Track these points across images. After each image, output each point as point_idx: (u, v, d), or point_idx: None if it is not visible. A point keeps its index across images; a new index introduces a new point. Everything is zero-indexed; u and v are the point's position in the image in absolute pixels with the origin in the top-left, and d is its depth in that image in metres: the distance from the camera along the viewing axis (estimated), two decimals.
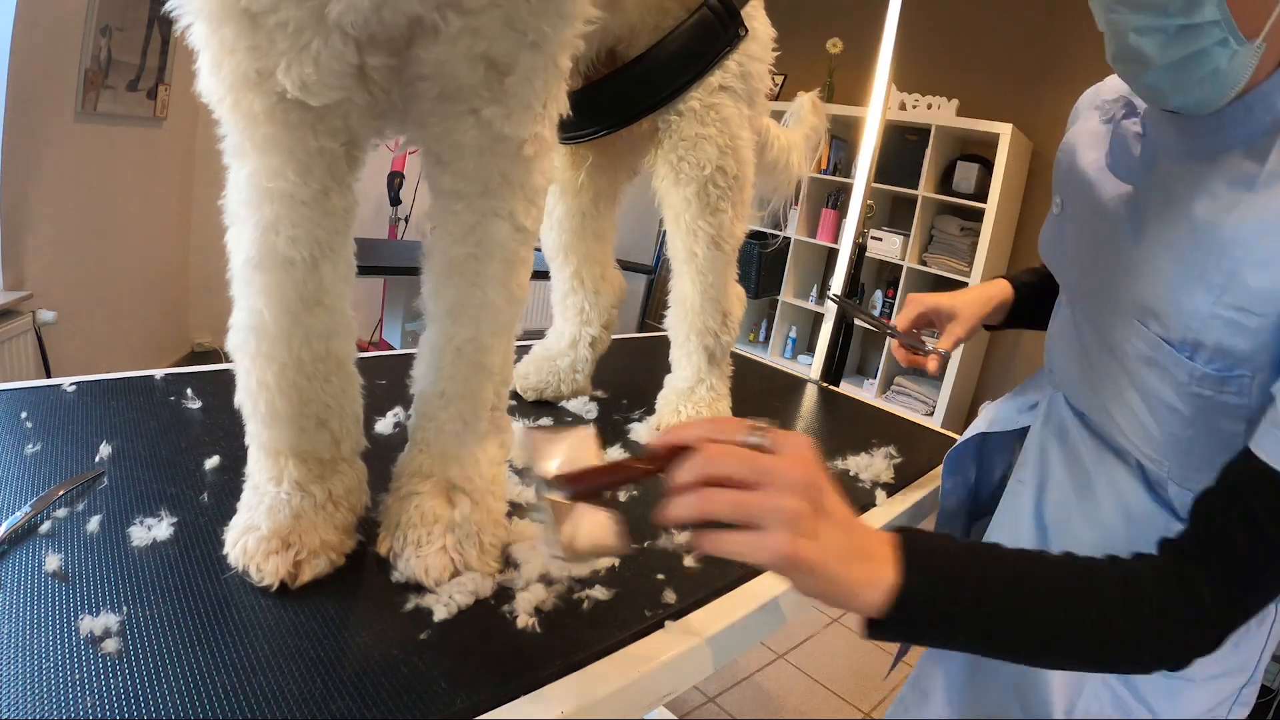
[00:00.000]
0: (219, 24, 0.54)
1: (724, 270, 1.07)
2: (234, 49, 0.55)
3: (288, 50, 0.54)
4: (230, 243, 0.63)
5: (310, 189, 0.60)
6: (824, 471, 0.51)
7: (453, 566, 0.64)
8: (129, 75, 2.61)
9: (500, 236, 0.65)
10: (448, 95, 0.60)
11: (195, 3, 0.54)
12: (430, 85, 0.60)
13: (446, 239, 0.65)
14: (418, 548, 0.65)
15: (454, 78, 0.59)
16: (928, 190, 3.56)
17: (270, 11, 0.53)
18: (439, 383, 0.68)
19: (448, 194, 0.64)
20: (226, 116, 0.59)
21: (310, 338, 0.64)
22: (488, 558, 0.67)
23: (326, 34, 0.54)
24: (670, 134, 1.01)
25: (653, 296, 4.21)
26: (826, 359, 1.57)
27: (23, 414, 0.83)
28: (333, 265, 0.64)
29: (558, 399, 1.15)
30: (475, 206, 0.64)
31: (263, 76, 0.55)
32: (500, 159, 0.63)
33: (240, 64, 0.55)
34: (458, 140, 0.61)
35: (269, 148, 0.59)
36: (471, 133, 0.61)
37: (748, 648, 0.75)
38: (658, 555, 0.76)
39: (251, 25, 0.53)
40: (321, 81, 0.56)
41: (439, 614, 0.61)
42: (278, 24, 0.53)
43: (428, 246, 0.67)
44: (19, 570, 0.58)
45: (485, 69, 0.59)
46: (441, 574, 0.64)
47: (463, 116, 0.60)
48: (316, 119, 0.59)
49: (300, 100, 0.56)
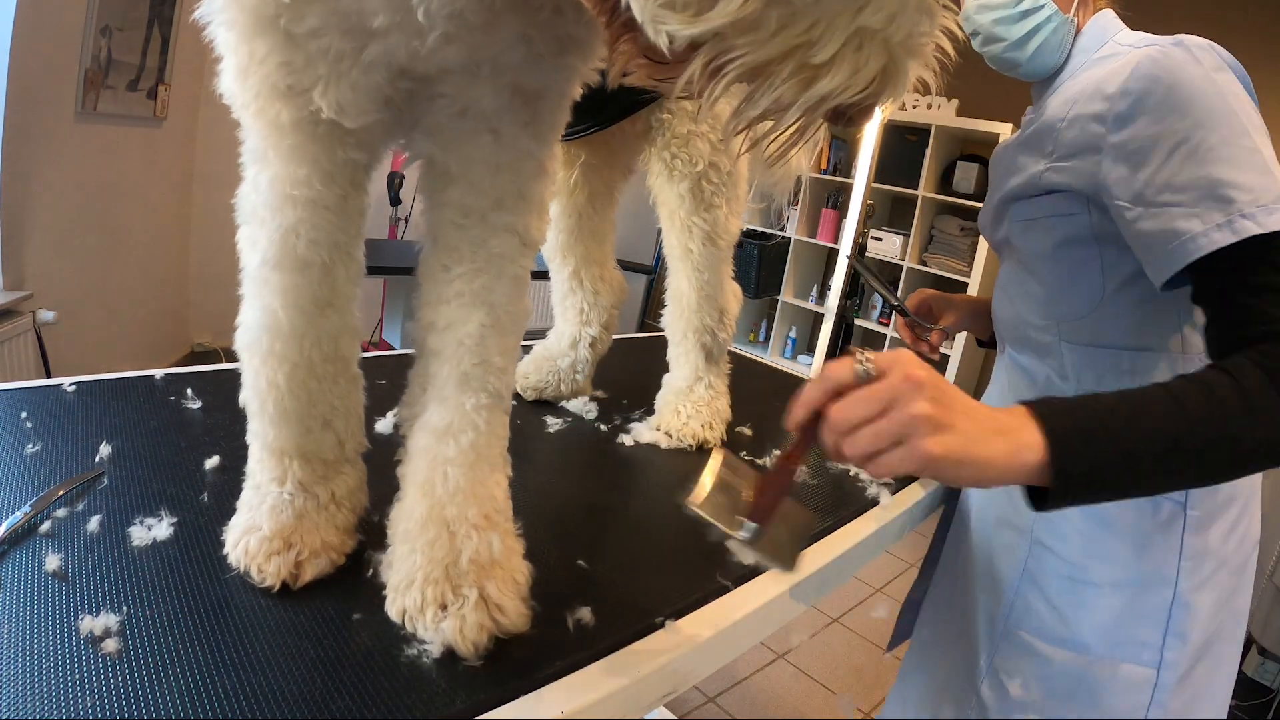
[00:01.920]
0: (250, 36, 0.54)
1: (720, 267, 1.07)
2: (264, 61, 0.54)
3: (327, 74, 0.54)
4: (243, 242, 0.63)
5: (333, 195, 0.60)
6: (931, 371, 0.54)
7: (492, 624, 0.57)
8: (129, 75, 2.61)
9: (510, 251, 0.64)
10: (468, 114, 0.60)
11: (227, 13, 0.54)
12: (450, 103, 0.60)
13: (449, 255, 0.63)
14: (442, 609, 0.57)
15: (478, 102, 0.59)
16: (928, 190, 3.56)
17: (312, 36, 0.53)
18: (444, 415, 0.63)
19: (453, 207, 0.63)
20: (249, 122, 0.59)
21: (321, 339, 0.64)
22: (522, 605, 0.60)
23: (366, 67, 0.54)
24: (663, 131, 1.01)
25: (652, 296, 4.22)
26: (826, 359, 1.57)
27: (23, 414, 0.82)
28: (346, 268, 0.64)
29: (558, 399, 1.15)
30: (487, 221, 0.62)
31: (294, 92, 0.55)
32: (519, 175, 0.62)
33: (270, 76, 0.55)
34: (471, 155, 0.61)
35: (295, 157, 0.58)
36: (488, 149, 0.60)
37: (748, 648, 0.75)
38: (658, 555, 0.76)
39: (287, 43, 0.53)
40: (358, 106, 0.56)
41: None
42: (319, 49, 0.53)
43: (424, 268, 0.65)
44: (19, 570, 0.58)
45: (510, 95, 0.59)
46: (480, 635, 0.56)
47: (481, 133, 0.60)
48: (346, 133, 0.59)
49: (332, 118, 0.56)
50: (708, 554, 0.78)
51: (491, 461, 0.64)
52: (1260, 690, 1.95)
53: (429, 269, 0.65)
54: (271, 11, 0.52)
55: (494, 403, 0.64)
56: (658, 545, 0.78)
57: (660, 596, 0.69)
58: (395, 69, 0.55)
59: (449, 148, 0.62)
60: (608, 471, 0.96)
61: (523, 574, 0.62)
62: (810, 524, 0.61)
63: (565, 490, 0.88)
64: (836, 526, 0.90)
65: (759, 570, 0.76)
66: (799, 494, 0.97)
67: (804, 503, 0.94)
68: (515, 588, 0.60)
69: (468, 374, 0.63)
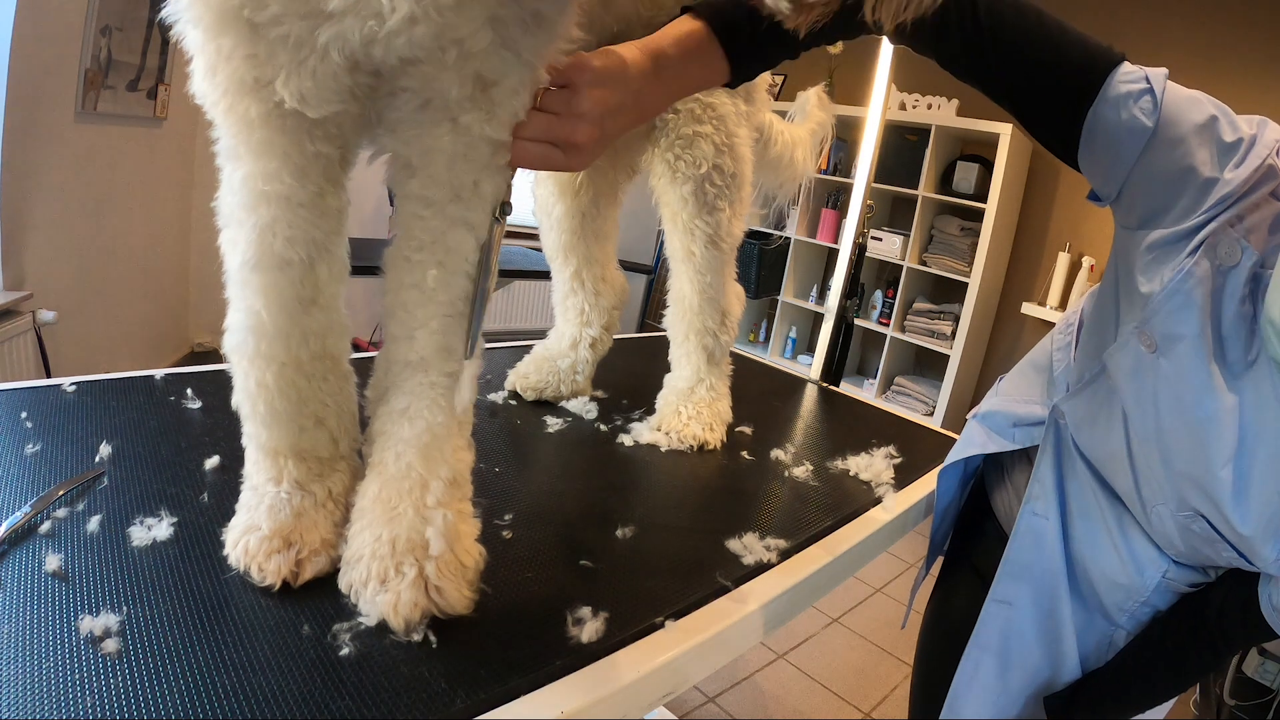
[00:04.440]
0: (217, 32, 0.54)
1: (722, 269, 1.07)
2: (231, 56, 0.55)
3: (287, 63, 0.54)
4: (225, 245, 0.63)
5: (307, 191, 0.60)
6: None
7: (428, 603, 0.58)
8: (129, 75, 2.61)
9: (465, 249, 0.63)
10: (430, 105, 0.60)
11: (193, 10, 0.54)
12: (413, 97, 0.60)
13: (409, 245, 0.63)
14: (382, 583, 0.59)
15: (441, 93, 0.59)
16: (928, 190, 3.56)
17: (273, 24, 0.52)
18: (402, 399, 0.65)
19: (415, 199, 0.63)
20: (221, 120, 0.59)
21: (308, 337, 0.64)
22: (465, 586, 0.61)
23: (322, 53, 0.54)
24: (667, 132, 1.00)
25: (653, 296, 4.22)
26: (826, 359, 1.57)
27: (23, 414, 0.82)
28: (328, 265, 0.64)
29: (557, 399, 1.15)
30: (445, 213, 0.63)
31: (260, 84, 0.55)
32: (474, 165, 0.62)
33: (237, 70, 0.55)
34: (431, 145, 0.61)
35: (265, 152, 0.59)
36: (446, 138, 0.60)
37: (748, 648, 0.75)
38: (658, 555, 0.76)
39: (251, 34, 0.53)
40: (319, 95, 0.56)
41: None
42: (279, 37, 0.53)
43: (388, 257, 0.65)
44: (19, 570, 0.58)
45: (474, 84, 0.59)
46: (413, 613, 0.58)
47: (440, 123, 0.60)
48: (313, 125, 0.59)
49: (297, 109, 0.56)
50: (708, 554, 0.78)
51: (448, 443, 0.65)
52: (1260, 690, 1.95)
53: (392, 258, 0.65)
54: (235, 3, 0.52)
55: (451, 385, 0.66)
56: (658, 545, 0.78)
57: (660, 596, 0.69)
58: (352, 57, 0.55)
59: (410, 141, 0.62)
60: (608, 472, 0.96)
61: (471, 556, 0.63)
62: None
63: (565, 490, 0.88)
64: (836, 526, 0.90)
65: (759, 570, 0.77)
66: (800, 494, 0.97)
67: (806, 503, 0.94)
68: (459, 570, 0.61)
69: (426, 359, 0.64)
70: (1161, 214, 0.71)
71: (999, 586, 0.88)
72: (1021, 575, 0.87)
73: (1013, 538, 0.88)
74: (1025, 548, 0.87)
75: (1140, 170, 0.71)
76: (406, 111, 0.61)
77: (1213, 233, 0.67)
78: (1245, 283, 0.66)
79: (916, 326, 3.72)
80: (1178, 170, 0.69)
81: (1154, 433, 0.73)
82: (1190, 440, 0.69)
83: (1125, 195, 0.74)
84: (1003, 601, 0.88)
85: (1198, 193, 0.68)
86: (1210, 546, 0.73)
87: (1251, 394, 0.66)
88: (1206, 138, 0.68)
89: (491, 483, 0.85)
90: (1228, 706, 1.97)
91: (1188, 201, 0.69)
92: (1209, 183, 0.68)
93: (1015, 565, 0.88)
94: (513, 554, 0.71)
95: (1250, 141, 0.67)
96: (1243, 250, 0.66)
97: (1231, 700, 1.97)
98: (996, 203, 3.33)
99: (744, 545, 0.79)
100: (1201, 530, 0.72)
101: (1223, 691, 1.98)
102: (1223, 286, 0.67)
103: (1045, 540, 0.86)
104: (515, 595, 0.65)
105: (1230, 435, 0.67)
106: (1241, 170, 0.66)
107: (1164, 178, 0.70)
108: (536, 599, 0.65)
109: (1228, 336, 0.67)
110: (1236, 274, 0.66)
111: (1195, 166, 0.68)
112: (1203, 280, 0.67)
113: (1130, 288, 0.75)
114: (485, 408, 1.09)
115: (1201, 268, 0.67)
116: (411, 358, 0.65)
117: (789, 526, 0.86)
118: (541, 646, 0.59)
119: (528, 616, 0.63)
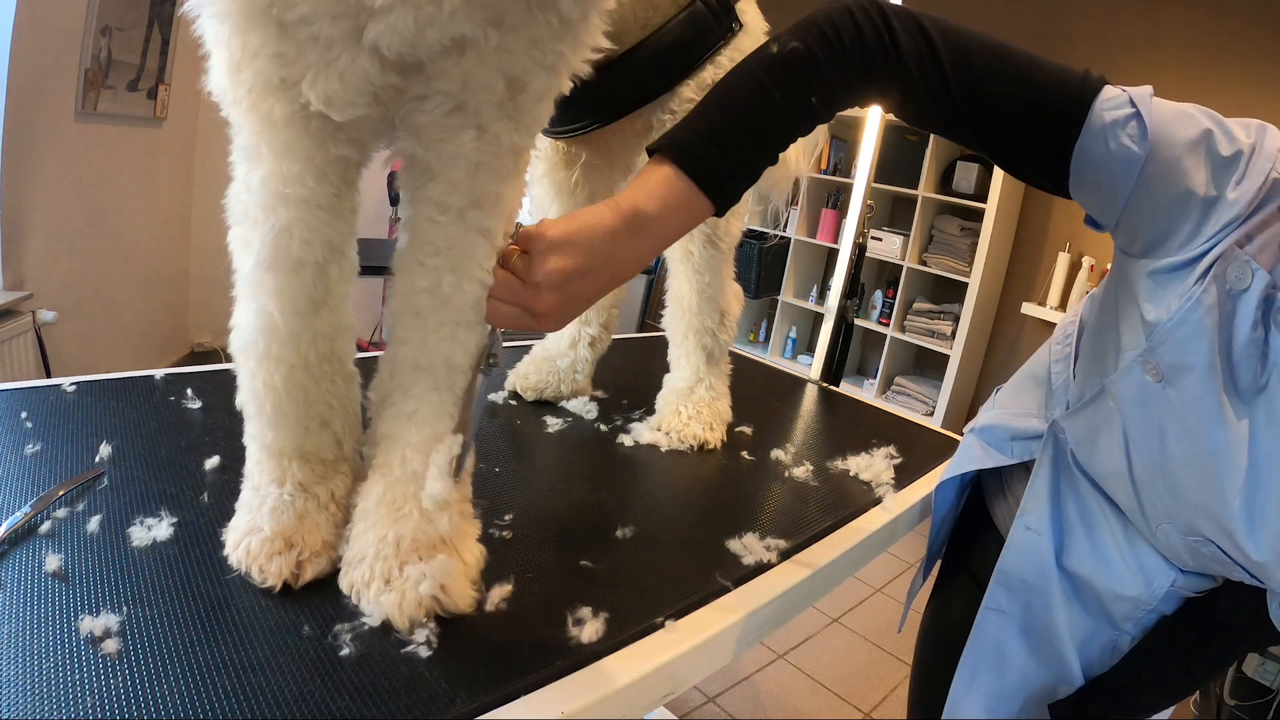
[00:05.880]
0: (244, 29, 0.53)
1: (720, 269, 1.07)
2: (257, 54, 0.54)
3: (315, 64, 0.54)
4: (235, 243, 0.62)
5: (326, 193, 0.60)
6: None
7: (432, 602, 0.59)
8: (129, 75, 2.61)
9: (480, 255, 0.63)
10: (461, 110, 0.60)
11: (219, 5, 0.53)
12: (445, 100, 0.59)
13: (423, 250, 0.63)
14: (386, 582, 0.59)
15: (474, 94, 0.59)
16: (928, 190, 3.56)
17: (304, 24, 0.52)
18: (408, 403, 0.65)
19: (431, 204, 0.63)
20: (241, 118, 0.58)
21: (317, 339, 0.64)
22: (469, 586, 0.62)
23: (356, 52, 0.53)
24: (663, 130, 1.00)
25: (652, 296, 4.21)
26: (826, 359, 1.57)
27: (23, 414, 0.82)
28: (339, 267, 0.64)
29: (557, 399, 1.15)
30: (463, 219, 0.62)
31: (287, 85, 0.55)
32: (497, 173, 0.62)
33: (263, 69, 0.54)
34: (455, 151, 0.61)
35: (288, 153, 0.58)
36: (471, 145, 0.60)
37: (748, 648, 0.75)
38: (658, 555, 0.76)
39: (280, 34, 0.53)
40: (345, 97, 0.55)
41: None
42: (309, 37, 0.52)
43: (398, 260, 0.65)
44: (19, 570, 0.58)
45: (505, 86, 0.59)
46: (417, 612, 0.58)
47: (466, 129, 0.60)
48: (336, 127, 0.58)
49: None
50: (708, 554, 0.78)
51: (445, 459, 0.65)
52: (1260, 690, 1.95)
53: (404, 262, 0.65)
54: (264, 1, 0.51)
55: (452, 398, 0.66)
56: (658, 546, 0.78)
57: (660, 596, 0.69)
58: (387, 57, 0.54)
59: (431, 145, 0.61)
60: (608, 472, 0.96)
61: (473, 556, 0.63)
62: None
63: (565, 490, 0.88)
64: (836, 526, 0.90)
65: (759, 570, 0.77)
66: (800, 494, 0.97)
67: (806, 503, 0.94)
68: (462, 569, 0.61)
69: (436, 364, 0.64)
70: (1164, 241, 0.67)
71: (992, 595, 0.88)
72: (1014, 586, 0.87)
73: (1005, 549, 0.88)
74: (1017, 560, 0.87)
75: (1136, 199, 0.67)
76: (435, 115, 0.60)
77: (1220, 256, 0.63)
78: (1257, 306, 0.62)
79: (916, 326, 3.72)
80: (1176, 194, 0.65)
81: (1160, 462, 0.70)
82: (1200, 471, 0.67)
83: (1124, 224, 0.70)
84: (997, 610, 0.88)
85: (1200, 216, 0.65)
86: (1221, 565, 0.72)
87: (1263, 418, 0.63)
88: (1202, 155, 0.64)
89: (491, 483, 0.85)
90: (1228, 706, 1.97)
91: (1191, 226, 0.65)
92: (1210, 203, 0.64)
93: (1007, 576, 0.88)
94: (513, 554, 0.71)
95: (1250, 153, 0.64)
96: (1253, 272, 0.62)
97: (1231, 700, 1.97)
98: (996, 203, 3.33)
99: (744, 545, 0.79)
100: (1212, 554, 0.71)
101: (1223, 691, 1.99)
102: (1233, 312, 0.63)
103: (1037, 554, 0.85)
104: (515, 595, 0.65)
105: (1242, 464, 0.65)
106: (1245, 187, 0.63)
107: (1162, 204, 0.66)
108: (536, 599, 0.65)
109: (1239, 363, 0.64)
110: (1247, 299, 0.62)
111: (1193, 189, 0.64)
112: (1212, 308, 0.63)
113: (1132, 312, 0.72)
114: (485, 408, 1.09)
115: (1210, 294, 0.63)
116: (422, 362, 0.64)
117: (789, 526, 0.86)
118: (541, 647, 0.59)
119: (528, 617, 0.63)
